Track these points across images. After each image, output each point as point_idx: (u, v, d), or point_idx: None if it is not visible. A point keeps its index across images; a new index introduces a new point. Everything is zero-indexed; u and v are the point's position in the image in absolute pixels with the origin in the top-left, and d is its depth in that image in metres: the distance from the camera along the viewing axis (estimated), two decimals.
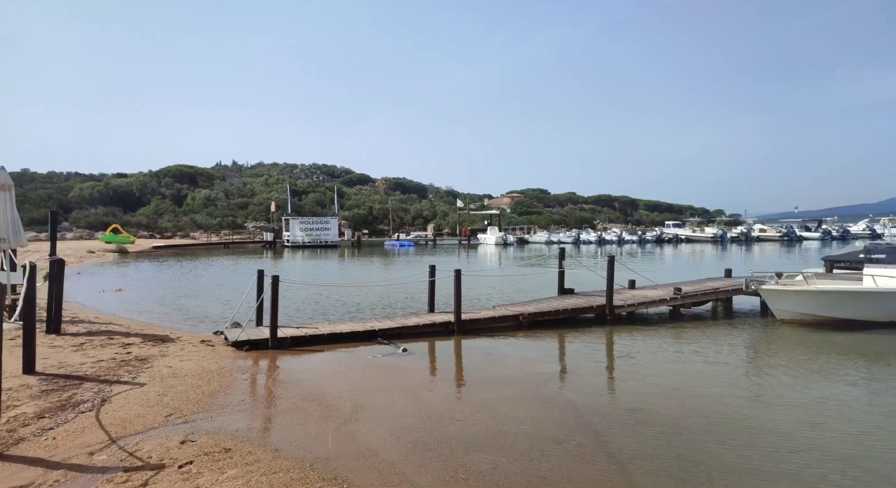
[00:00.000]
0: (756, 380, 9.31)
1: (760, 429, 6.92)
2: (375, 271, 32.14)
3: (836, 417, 7.39)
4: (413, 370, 9.86)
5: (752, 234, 69.93)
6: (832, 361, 10.51)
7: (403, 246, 60.40)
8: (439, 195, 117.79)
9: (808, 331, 13.08)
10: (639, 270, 19.44)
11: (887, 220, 79.50)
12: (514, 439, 6.55)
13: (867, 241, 36.46)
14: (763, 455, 6.17)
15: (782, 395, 8.35)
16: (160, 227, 72.71)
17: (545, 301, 15.58)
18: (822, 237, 69.23)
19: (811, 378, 9.39)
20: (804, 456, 6.12)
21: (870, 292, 13.74)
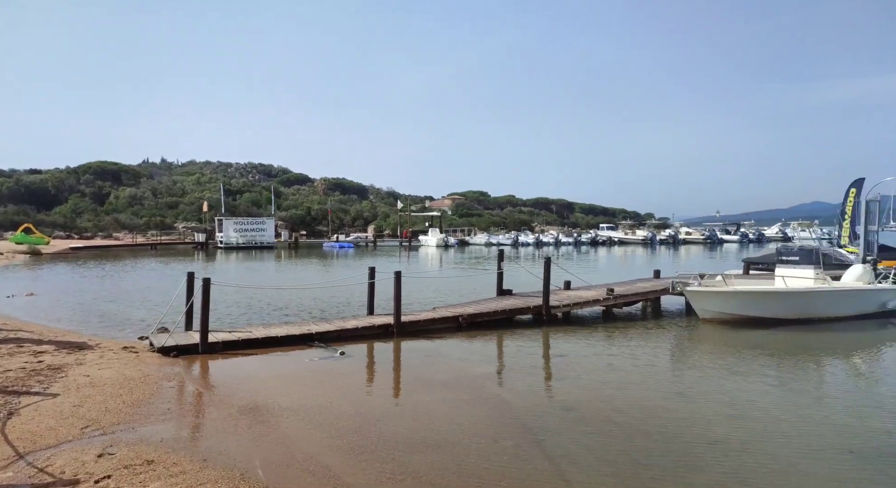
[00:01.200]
0: (680, 378, 9.79)
1: (684, 423, 7.28)
2: (314, 273, 31.46)
3: (750, 410, 7.88)
4: (351, 373, 9.71)
5: (679, 237, 73.72)
6: (747, 358, 11.21)
7: (343, 247, 59.48)
8: (380, 196, 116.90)
9: (727, 330, 13.90)
10: (574, 272, 20.05)
11: (797, 224, 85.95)
12: (452, 439, 6.58)
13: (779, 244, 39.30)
14: (686, 446, 6.50)
15: (703, 391, 8.83)
16: (79, 227, 68.08)
17: (484, 302, 15.76)
18: (741, 240, 73.91)
19: (729, 374, 9.98)
20: (722, 447, 6.50)
21: (780, 292, 14.78)
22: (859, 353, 11.96)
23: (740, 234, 76.95)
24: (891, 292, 15.55)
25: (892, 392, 8.92)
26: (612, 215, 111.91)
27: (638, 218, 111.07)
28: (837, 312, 14.82)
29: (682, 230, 79.48)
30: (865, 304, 15.18)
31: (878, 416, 7.60)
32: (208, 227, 63.60)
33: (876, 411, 7.85)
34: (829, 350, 12.00)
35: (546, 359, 11.36)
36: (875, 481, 5.63)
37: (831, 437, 6.79)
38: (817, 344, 12.49)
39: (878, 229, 22.64)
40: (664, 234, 75.08)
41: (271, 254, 48.76)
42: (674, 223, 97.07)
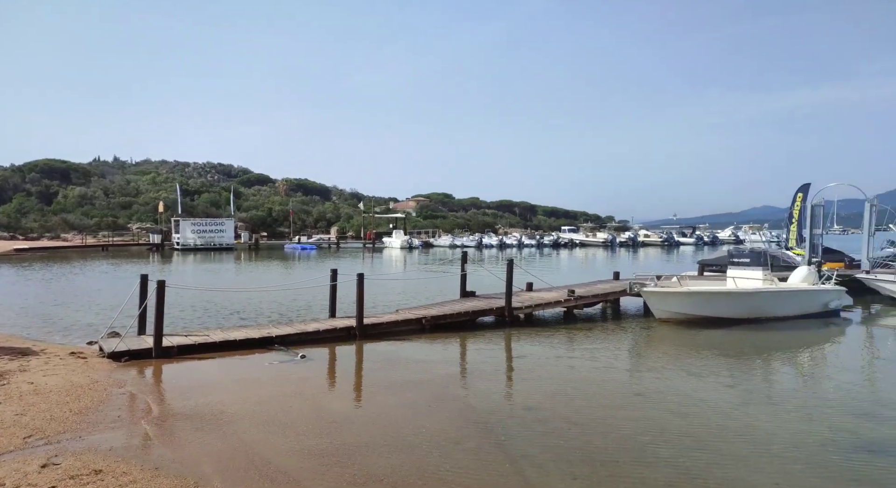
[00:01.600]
0: (638, 377, 10.03)
1: (640, 422, 7.46)
2: (275, 275, 30.88)
3: (703, 408, 8.14)
4: (312, 376, 9.57)
5: (639, 240, 75.65)
6: (701, 357, 11.58)
7: (305, 249, 58.61)
8: (343, 197, 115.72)
9: (682, 329, 14.33)
10: (536, 273, 20.29)
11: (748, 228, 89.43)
12: (414, 441, 6.56)
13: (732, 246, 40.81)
14: (642, 444, 6.65)
15: (659, 390, 9.06)
16: (24, 228, 64.93)
17: (447, 304, 15.79)
18: (696, 242, 76.40)
19: (683, 373, 10.28)
20: (676, 443, 6.68)
21: (731, 292, 15.34)
22: (805, 352, 12.51)
23: (696, 237, 79.57)
24: (833, 293, 16.32)
25: (835, 389, 9.36)
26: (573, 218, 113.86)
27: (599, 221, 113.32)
28: (784, 312, 15.46)
29: (640, 233, 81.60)
30: (810, 304, 15.89)
31: (822, 413, 7.95)
32: (164, 228, 61.59)
33: (820, 408, 8.22)
34: (777, 348, 12.50)
35: (508, 360, 11.46)
36: (818, 475, 5.89)
37: (780, 434, 7.06)
38: (766, 342, 13.00)
39: (822, 232, 23.79)
40: (624, 237, 76.89)
41: (231, 256, 47.64)
42: (633, 226, 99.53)
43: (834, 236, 48.02)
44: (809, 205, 23.02)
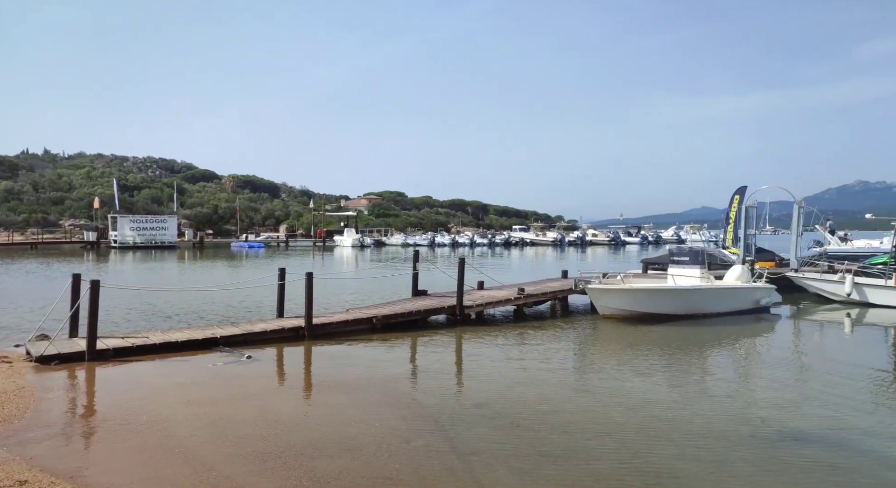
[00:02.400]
0: (583, 372, 10.32)
1: (585, 415, 7.67)
2: (220, 274, 29.92)
3: (645, 401, 8.44)
4: (258, 377, 9.33)
5: (587, 239, 77.68)
6: (643, 352, 12.00)
7: (252, 247, 57.07)
8: (293, 195, 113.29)
9: (625, 325, 14.80)
10: (488, 272, 20.48)
11: (689, 227, 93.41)
12: (363, 442, 6.50)
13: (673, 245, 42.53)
14: (587, 437, 6.84)
15: (604, 385, 9.34)
16: None
17: (399, 303, 15.73)
18: (641, 241, 79.13)
19: (626, 368, 10.64)
20: (620, 436, 6.90)
21: (670, 289, 15.97)
22: (738, 346, 13.18)
23: (641, 237, 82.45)
24: (764, 290, 17.26)
25: (765, 382, 9.91)
26: (524, 217, 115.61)
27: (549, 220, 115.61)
28: (719, 308, 16.23)
29: (589, 232, 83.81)
30: (743, 301, 16.75)
31: (754, 405, 8.40)
32: (100, 225, 58.61)
33: (752, 400, 8.68)
34: (712, 344, 13.11)
35: (459, 358, 11.53)
36: (749, 463, 6.22)
37: (715, 424, 7.41)
38: (703, 338, 13.61)
39: (755, 233, 25.11)
40: (573, 236, 78.80)
41: (174, 255, 45.83)
42: (582, 225, 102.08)
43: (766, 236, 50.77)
44: (744, 207, 24.25)
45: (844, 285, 18.59)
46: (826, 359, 11.88)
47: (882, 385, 9.70)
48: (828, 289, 19.42)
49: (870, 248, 32.35)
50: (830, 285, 19.35)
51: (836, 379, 9.68)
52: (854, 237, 37.47)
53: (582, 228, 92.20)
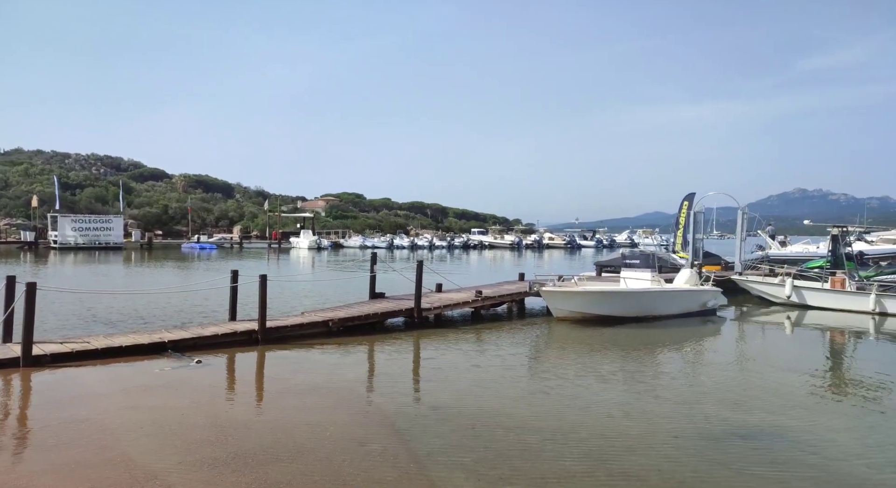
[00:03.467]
0: (538, 374, 10.45)
1: (539, 416, 7.77)
2: (170, 277, 28.90)
3: (597, 402, 8.63)
4: (208, 383, 9.04)
5: (544, 242, 79.02)
6: (595, 354, 12.27)
7: (205, 249, 55.45)
8: (248, 195, 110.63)
9: (578, 327, 15.09)
10: (446, 274, 20.53)
11: (642, 232, 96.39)
12: (316, 446, 6.39)
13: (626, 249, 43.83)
14: (543, 438, 6.93)
15: (558, 386, 9.49)
16: None
17: (356, 306, 15.56)
18: (596, 245, 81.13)
19: (580, 369, 10.85)
20: (573, 437, 7.02)
21: (622, 292, 16.39)
22: (686, 347, 13.64)
23: (596, 240, 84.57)
24: (711, 293, 17.94)
25: (711, 381, 10.28)
26: (483, 220, 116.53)
27: (507, 223, 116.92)
28: (669, 311, 16.76)
29: (546, 235, 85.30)
30: (691, 304, 17.35)
31: (700, 403, 8.70)
32: (38, 225, 55.66)
33: (698, 399, 8.98)
34: (662, 345, 13.53)
35: (416, 361, 11.49)
36: (695, 459, 6.44)
37: (665, 422, 7.63)
38: (653, 339, 14.02)
39: (702, 237, 26.12)
40: (530, 239, 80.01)
41: (119, 256, 43.98)
42: (539, 229, 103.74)
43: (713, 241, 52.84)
44: (693, 213, 25.19)
45: (784, 288, 19.54)
46: (768, 360, 12.43)
47: (819, 384, 10.22)
48: (769, 291, 20.35)
49: (807, 253, 34.13)
50: (771, 288, 20.29)
51: (777, 379, 10.15)
52: (792, 242, 39.47)
53: (539, 232, 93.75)
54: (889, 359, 12.48)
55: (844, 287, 18.45)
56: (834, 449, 6.78)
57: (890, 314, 17.26)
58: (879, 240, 45.43)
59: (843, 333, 15.58)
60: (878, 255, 33.46)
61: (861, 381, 10.30)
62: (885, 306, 17.41)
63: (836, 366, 12.11)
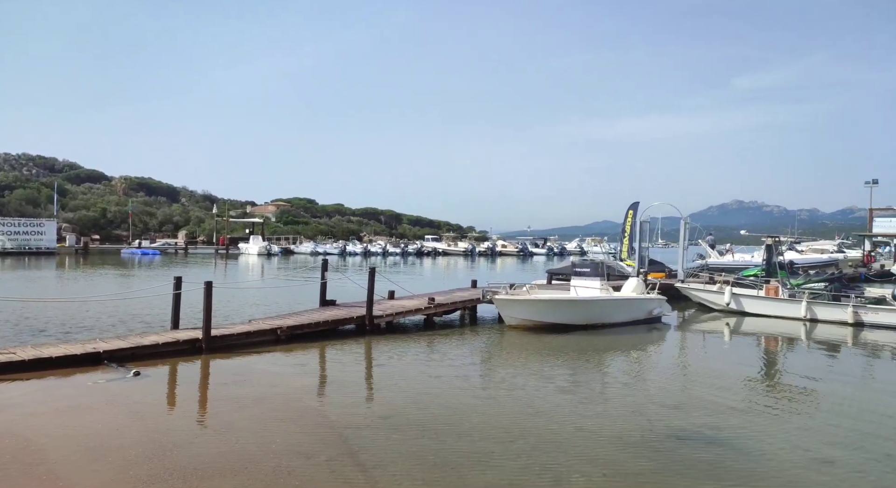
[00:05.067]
0: (489, 381, 10.51)
1: (490, 423, 7.80)
2: (108, 284, 27.53)
3: (546, 408, 8.76)
4: (147, 395, 8.63)
5: (497, 249, 79.85)
6: (545, 361, 12.46)
7: (147, 254, 53.16)
8: (194, 199, 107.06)
9: (529, 335, 15.30)
10: (399, 281, 20.42)
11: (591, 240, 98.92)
12: (261, 459, 6.19)
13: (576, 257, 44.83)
14: (493, 444, 6.96)
15: (508, 393, 9.57)
16: None
17: (306, 313, 15.24)
18: (548, 253, 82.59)
19: (530, 376, 10.99)
20: (523, 443, 7.09)
21: (573, 301, 16.73)
22: (633, 354, 14.04)
23: (547, 248, 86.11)
24: (656, 301, 18.56)
25: (654, 386, 10.63)
26: (437, 227, 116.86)
27: (460, 230, 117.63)
28: (617, 318, 17.21)
29: (498, 243, 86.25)
30: (638, 311, 17.89)
31: (644, 407, 8.96)
32: None
33: (643, 403, 9.26)
34: (609, 352, 13.88)
35: (367, 369, 11.36)
36: (638, 460, 6.62)
37: (610, 427, 7.81)
38: (601, 346, 14.36)
39: (648, 246, 27.06)
40: (483, 247, 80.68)
41: (51, 262, 41.57)
42: (492, 236, 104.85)
43: (658, 249, 54.79)
44: (638, 222, 26.08)
45: (724, 295, 20.44)
46: (708, 366, 12.97)
47: (754, 388, 10.72)
48: (709, 298, 21.25)
49: (743, 262, 35.90)
50: (711, 295, 21.19)
51: (715, 384, 10.58)
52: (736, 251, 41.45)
53: (492, 239, 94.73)
54: (818, 365, 13.24)
55: (778, 294, 19.46)
56: (765, 448, 7.11)
57: (820, 320, 18.32)
58: (808, 250, 48.34)
59: (776, 339, 16.42)
60: (808, 264, 35.59)
61: (792, 385, 10.88)
62: (815, 313, 18.46)
63: (770, 370, 12.75)
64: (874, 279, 36.43)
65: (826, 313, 18.31)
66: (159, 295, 16.06)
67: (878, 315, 17.49)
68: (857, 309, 17.72)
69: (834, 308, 18.24)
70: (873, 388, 11.01)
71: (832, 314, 18.18)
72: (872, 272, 39.24)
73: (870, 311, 17.63)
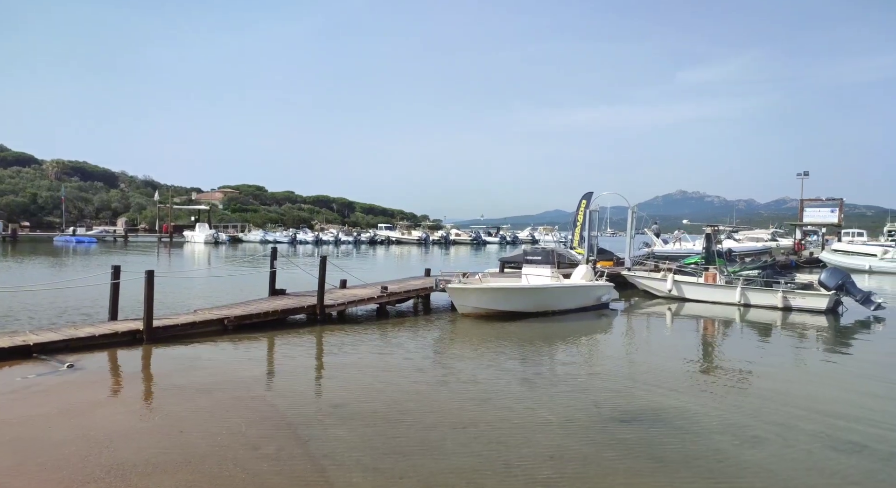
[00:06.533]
0: (442, 369, 10.56)
1: (442, 411, 7.85)
2: (40, 273, 25.99)
3: (497, 394, 8.87)
4: (82, 389, 8.22)
5: (450, 238, 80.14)
6: (497, 348, 12.62)
7: (82, 242, 50.51)
8: (135, 185, 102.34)
9: (482, 323, 15.47)
10: (351, 270, 20.19)
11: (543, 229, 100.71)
12: (206, 452, 6.02)
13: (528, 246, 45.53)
14: (443, 432, 7.01)
15: (460, 380, 9.65)
16: None
17: (254, 303, 14.87)
18: (500, 241, 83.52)
19: (482, 363, 11.11)
20: (474, 429, 7.17)
21: (524, 288, 17.02)
22: (582, 339, 14.41)
23: (500, 237, 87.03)
24: (604, 288, 19.10)
25: (602, 370, 10.95)
26: (391, 215, 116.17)
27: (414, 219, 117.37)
28: (567, 305, 17.63)
29: (452, 232, 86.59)
30: (587, 298, 18.37)
31: (591, 391, 9.22)
32: None
33: (590, 387, 9.52)
34: (559, 338, 14.20)
35: (318, 359, 11.20)
36: (585, 444, 6.82)
37: (558, 412, 8.00)
38: (551, 333, 14.68)
39: (597, 234, 27.76)
40: (437, 235, 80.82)
41: None
42: (446, 225, 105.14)
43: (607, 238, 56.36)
44: (589, 211, 26.69)
45: (666, 283, 21.25)
46: (651, 349, 13.48)
47: (693, 369, 11.22)
48: (653, 286, 22.05)
49: (686, 250, 37.43)
50: (655, 282, 21.99)
51: (658, 366, 11.01)
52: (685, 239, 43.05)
53: (446, 228, 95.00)
54: (750, 345, 13.99)
55: (716, 281, 20.40)
56: (703, 427, 7.47)
57: (753, 305, 19.34)
58: (745, 239, 50.84)
59: (713, 323, 17.23)
60: (744, 252, 37.43)
61: (728, 365, 11.46)
62: (748, 298, 19.47)
63: (708, 352, 13.37)
64: (804, 266, 38.80)
65: (758, 298, 19.33)
66: (96, 285, 15.29)
67: (805, 299, 18.61)
68: (785, 294, 18.79)
69: (765, 293, 19.29)
70: (800, 368, 11.73)
71: (763, 299, 19.22)
72: (802, 259, 41.76)
73: (797, 296, 18.74)
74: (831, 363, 12.23)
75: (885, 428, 7.56)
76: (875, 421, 7.87)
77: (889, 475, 6.13)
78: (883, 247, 39.64)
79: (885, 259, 36.67)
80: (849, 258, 37.71)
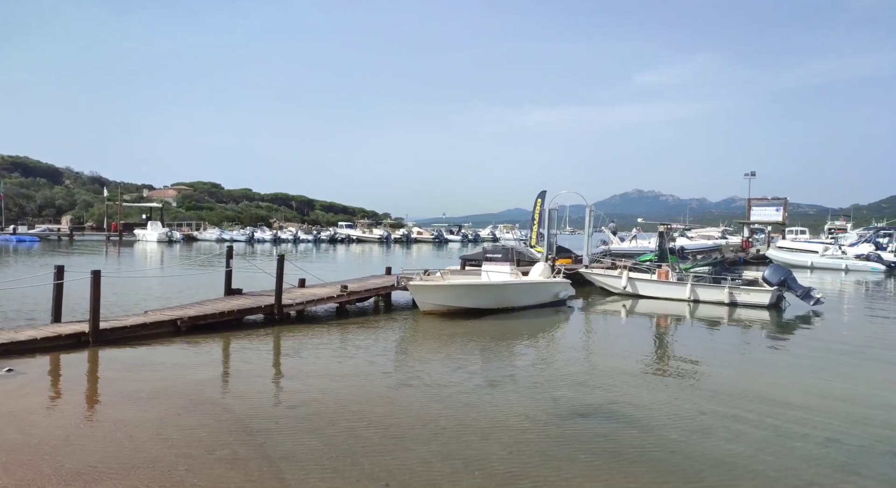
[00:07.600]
0: (403, 367, 10.53)
1: (402, 409, 7.83)
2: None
3: (457, 391, 8.91)
4: (21, 394, 7.82)
5: (412, 236, 79.99)
6: (458, 345, 12.67)
7: (23, 241, 48.06)
8: (81, 181, 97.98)
9: (443, 320, 15.50)
10: (311, 269, 19.89)
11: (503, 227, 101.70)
12: (157, 457, 5.82)
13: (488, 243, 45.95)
14: (402, 431, 6.99)
15: (421, 378, 9.63)
16: None
17: (209, 303, 14.46)
18: (462, 239, 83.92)
19: (443, 361, 11.14)
20: (432, 427, 7.18)
21: (485, 285, 17.16)
22: (540, 335, 14.62)
23: (462, 235, 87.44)
24: (562, 284, 19.44)
25: (560, 365, 11.13)
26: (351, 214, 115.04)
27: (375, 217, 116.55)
28: (526, 302, 17.86)
29: (414, 230, 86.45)
30: (545, 295, 18.66)
31: (549, 386, 9.37)
32: None
33: (548, 382, 9.67)
34: (519, 334, 14.37)
35: (276, 359, 11.00)
36: (543, 439, 6.93)
37: (517, 408, 8.09)
38: (511, 329, 14.84)
39: (556, 233, 28.22)
40: (398, 233, 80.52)
41: None
42: (407, 223, 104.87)
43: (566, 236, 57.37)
44: (547, 209, 27.11)
45: (622, 280, 21.80)
46: (607, 345, 13.79)
47: (646, 363, 11.54)
48: (609, 283, 22.58)
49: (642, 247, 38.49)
50: (611, 280, 22.53)
51: (613, 362, 11.27)
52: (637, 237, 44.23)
53: (408, 226, 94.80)
54: (699, 340, 14.51)
55: (668, 278, 21.06)
56: (655, 420, 7.70)
57: (702, 301, 20.06)
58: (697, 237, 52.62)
59: (666, 319, 17.77)
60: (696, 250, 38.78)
61: (679, 360, 11.83)
62: (697, 294, 20.18)
63: (660, 347, 13.78)
64: (751, 262, 40.49)
65: (707, 294, 20.07)
66: (38, 285, 14.55)
67: (749, 295, 19.44)
68: (731, 290, 19.58)
69: (713, 289, 20.04)
70: (745, 362, 12.23)
71: (712, 295, 19.97)
72: (750, 256, 43.56)
73: (742, 292, 19.55)
74: (773, 356, 12.80)
75: (825, 416, 7.97)
76: (815, 409, 8.29)
77: (827, 458, 6.48)
78: (824, 244, 41.80)
79: (825, 256, 38.69)
80: (793, 255, 39.60)
